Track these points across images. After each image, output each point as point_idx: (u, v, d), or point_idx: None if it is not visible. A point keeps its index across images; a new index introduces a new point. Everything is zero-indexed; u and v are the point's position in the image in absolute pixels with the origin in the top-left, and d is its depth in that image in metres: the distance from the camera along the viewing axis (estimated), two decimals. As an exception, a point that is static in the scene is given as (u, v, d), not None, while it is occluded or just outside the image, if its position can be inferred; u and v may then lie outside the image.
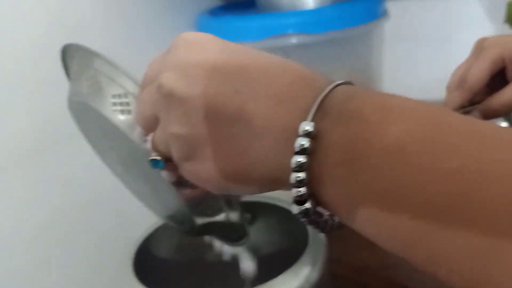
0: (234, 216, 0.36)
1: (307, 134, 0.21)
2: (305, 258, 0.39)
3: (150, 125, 0.27)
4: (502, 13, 0.67)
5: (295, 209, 0.22)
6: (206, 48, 0.25)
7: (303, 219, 0.23)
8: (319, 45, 0.64)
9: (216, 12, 0.71)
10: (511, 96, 0.45)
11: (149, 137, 0.28)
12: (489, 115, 0.48)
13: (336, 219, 0.24)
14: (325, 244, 0.41)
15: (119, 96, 0.30)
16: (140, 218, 0.50)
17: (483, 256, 0.17)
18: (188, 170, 0.26)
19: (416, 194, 0.18)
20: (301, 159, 0.21)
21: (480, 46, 0.49)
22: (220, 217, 0.36)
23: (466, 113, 0.50)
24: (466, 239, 0.17)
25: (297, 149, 0.21)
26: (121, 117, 0.30)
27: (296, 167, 0.21)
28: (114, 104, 0.30)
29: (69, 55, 0.34)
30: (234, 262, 0.49)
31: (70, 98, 0.34)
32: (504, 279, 0.17)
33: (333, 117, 0.21)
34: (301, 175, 0.21)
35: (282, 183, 0.23)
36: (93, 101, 0.31)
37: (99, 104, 0.31)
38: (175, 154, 0.26)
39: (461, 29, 0.72)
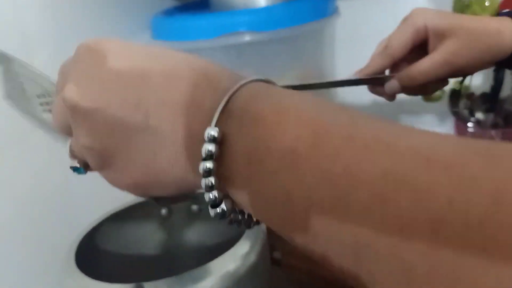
0: None
1: (213, 140, 0.21)
2: (243, 241, 0.40)
3: (66, 132, 0.27)
4: (449, 9, 0.69)
5: (211, 212, 0.22)
6: (108, 56, 0.24)
7: (221, 220, 0.23)
8: (271, 43, 0.65)
9: (171, 12, 0.72)
10: (429, 64, 0.45)
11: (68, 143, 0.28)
12: (406, 84, 0.47)
13: None
14: (264, 230, 0.42)
15: (43, 96, 0.31)
16: (84, 212, 0.50)
17: (357, 255, 0.18)
18: (105, 177, 0.27)
19: (305, 199, 0.19)
20: (209, 164, 0.21)
21: (407, 15, 0.48)
22: None
23: (386, 79, 0.49)
24: (346, 240, 0.18)
25: (204, 155, 0.21)
26: (45, 116, 0.32)
27: (204, 172, 0.21)
28: (41, 104, 0.32)
29: None
30: (178, 254, 0.49)
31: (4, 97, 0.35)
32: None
33: (236, 120, 0.21)
34: (211, 179, 0.21)
35: (197, 186, 0.23)
36: (21, 102, 0.32)
37: (26, 104, 0.32)
38: (90, 164, 0.26)
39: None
